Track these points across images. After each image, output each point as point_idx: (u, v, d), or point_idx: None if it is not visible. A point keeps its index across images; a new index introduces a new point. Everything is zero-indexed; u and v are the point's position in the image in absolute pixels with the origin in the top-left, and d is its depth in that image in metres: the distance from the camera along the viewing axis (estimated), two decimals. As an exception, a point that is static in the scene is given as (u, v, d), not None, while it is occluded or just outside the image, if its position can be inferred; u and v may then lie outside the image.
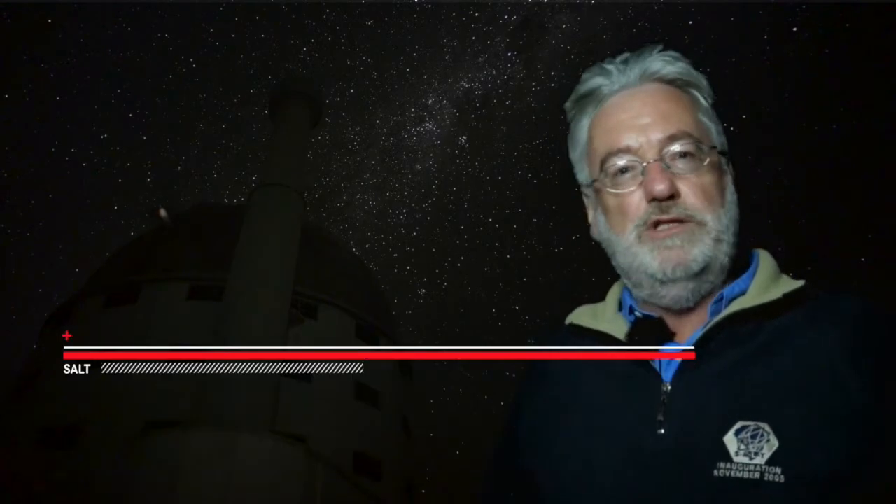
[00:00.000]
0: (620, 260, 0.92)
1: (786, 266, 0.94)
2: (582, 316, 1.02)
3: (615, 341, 0.93)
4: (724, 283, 0.90)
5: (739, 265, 0.91)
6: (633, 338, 0.91)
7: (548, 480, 0.90)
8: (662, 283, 0.87)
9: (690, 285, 0.87)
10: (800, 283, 0.89)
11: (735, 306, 0.86)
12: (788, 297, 0.86)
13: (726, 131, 0.98)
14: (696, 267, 0.86)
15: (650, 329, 0.91)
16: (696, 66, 0.97)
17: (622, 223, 0.91)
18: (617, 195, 0.91)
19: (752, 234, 0.95)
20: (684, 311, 0.90)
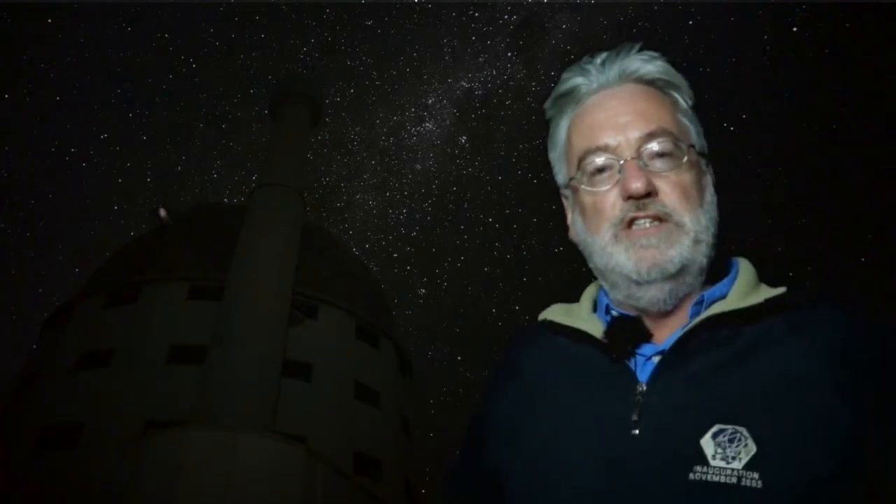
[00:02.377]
0: (597, 261, 0.90)
1: (783, 268, 0.92)
2: (556, 313, 0.99)
3: (590, 339, 0.91)
4: (704, 286, 0.88)
5: (718, 271, 0.90)
6: (609, 337, 0.89)
7: (517, 480, 0.88)
8: (638, 284, 0.86)
9: (667, 287, 0.85)
10: (781, 289, 0.86)
11: (715, 309, 0.84)
12: (770, 303, 0.84)
13: (727, 131, 0.97)
14: (672, 268, 0.84)
15: (628, 328, 0.89)
16: (696, 66, 0.96)
17: (598, 223, 0.89)
18: (593, 193, 0.90)
19: (750, 235, 0.94)
20: (663, 312, 0.88)
